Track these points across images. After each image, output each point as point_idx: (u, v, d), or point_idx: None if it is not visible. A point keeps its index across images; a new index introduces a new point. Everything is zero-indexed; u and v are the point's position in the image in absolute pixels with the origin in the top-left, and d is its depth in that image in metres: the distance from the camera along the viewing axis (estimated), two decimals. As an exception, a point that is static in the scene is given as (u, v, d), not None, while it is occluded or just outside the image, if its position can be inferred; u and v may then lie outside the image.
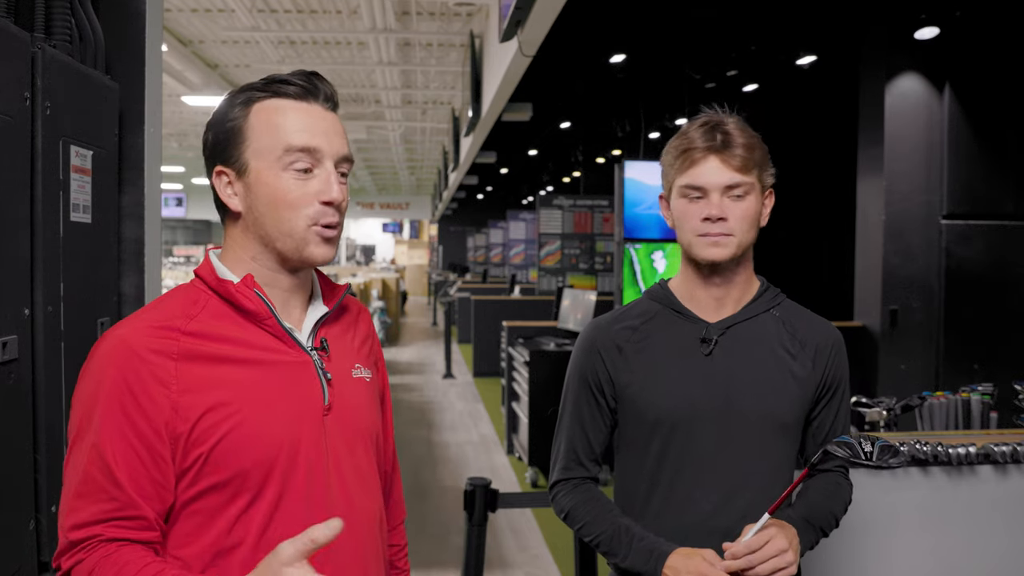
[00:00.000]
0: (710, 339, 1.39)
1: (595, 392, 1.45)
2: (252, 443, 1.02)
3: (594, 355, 1.45)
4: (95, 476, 0.98)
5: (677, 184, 1.38)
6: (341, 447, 1.10)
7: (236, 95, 1.10)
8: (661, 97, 8.25)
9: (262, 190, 1.06)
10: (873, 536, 2.22)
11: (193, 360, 1.01)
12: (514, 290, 10.83)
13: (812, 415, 1.45)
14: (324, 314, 1.14)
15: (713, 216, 1.33)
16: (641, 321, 1.44)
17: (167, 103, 10.36)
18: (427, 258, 28.36)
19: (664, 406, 1.38)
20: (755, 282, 1.47)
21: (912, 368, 5.07)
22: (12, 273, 1.29)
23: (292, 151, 1.05)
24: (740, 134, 1.36)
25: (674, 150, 1.39)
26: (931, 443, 2.21)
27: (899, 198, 5.09)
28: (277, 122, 1.06)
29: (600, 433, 1.46)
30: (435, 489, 5.17)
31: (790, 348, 1.41)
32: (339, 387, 1.11)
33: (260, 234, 1.08)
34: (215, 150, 1.09)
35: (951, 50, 5.04)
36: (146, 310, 1.07)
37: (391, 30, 7.46)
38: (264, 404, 1.04)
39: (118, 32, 1.69)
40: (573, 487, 1.47)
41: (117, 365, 0.99)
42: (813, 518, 1.39)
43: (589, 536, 1.43)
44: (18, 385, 1.30)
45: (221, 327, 1.04)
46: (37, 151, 1.35)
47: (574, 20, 4.37)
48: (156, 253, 1.79)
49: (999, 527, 2.25)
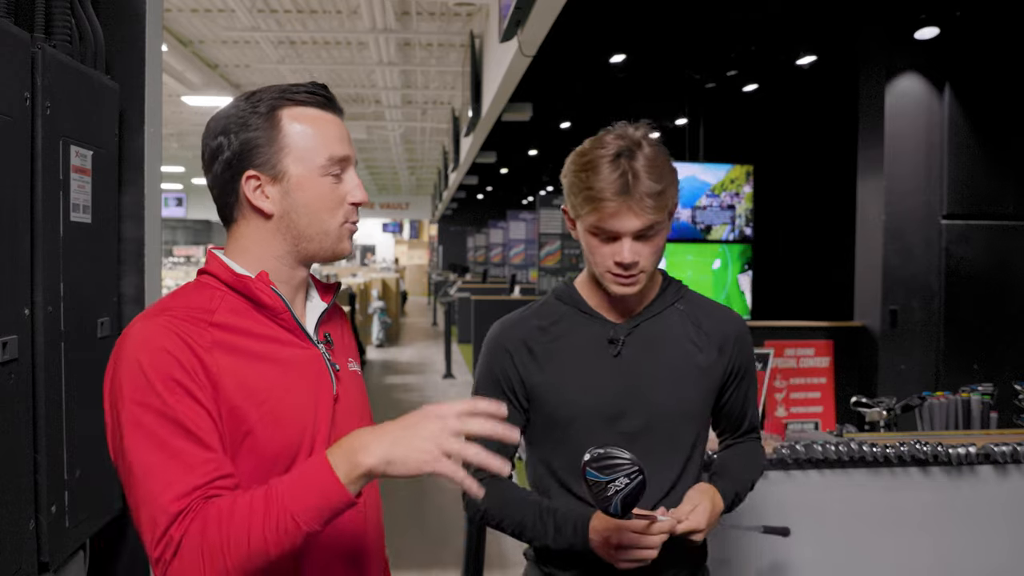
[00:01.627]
0: (617, 339, 1.42)
1: (506, 392, 1.45)
2: (280, 430, 1.06)
3: (503, 355, 1.45)
4: (179, 446, 0.97)
5: (587, 222, 1.36)
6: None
7: (253, 103, 1.11)
8: (661, 97, 8.25)
9: (302, 195, 1.12)
10: (873, 536, 2.22)
11: (223, 350, 1.04)
12: (514, 290, 10.84)
13: (722, 401, 1.50)
14: (325, 309, 1.20)
15: (625, 262, 1.34)
16: (550, 322, 1.46)
17: (167, 103, 10.35)
18: (427, 258, 28.35)
19: (576, 405, 1.41)
20: (657, 277, 1.49)
21: (912, 368, 5.06)
22: (12, 273, 1.29)
23: (335, 160, 1.13)
24: (650, 175, 1.31)
25: (581, 185, 1.34)
26: (931, 443, 2.21)
27: (899, 198, 5.09)
28: (317, 131, 1.12)
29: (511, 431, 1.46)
30: (435, 489, 5.16)
31: (696, 340, 1.45)
32: (343, 379, 1.17)
33: (294, 234, 1.13)
34: (242, 156, 1.10)
35: (951, 50, 5.04)
36: (165, 306, 1.07)
37: (391, 30, 7.46)
38: (287, 393, 1.08)
39: (118, 32, 1.69)
40: (484, 486, 1.46)
41: (158, 343, 1.00)
42: (740, 488, 1.49)
43: (511, 527, 1.43)
44: (18, 385, 1.30)
45: (241, 321, 1.08)
46: (37, 151, 1.35)
47: (574, 20, 4.36)
48: (156, 253, 1.80)
49: (999, 527, 2.25)
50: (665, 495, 1.40)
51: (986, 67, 5.09)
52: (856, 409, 2.64)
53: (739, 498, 1.49)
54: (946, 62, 5.07)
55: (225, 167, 1.11)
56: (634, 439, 1.38)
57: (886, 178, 5.08)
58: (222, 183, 1.12)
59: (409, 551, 4.02)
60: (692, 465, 1.44)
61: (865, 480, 2.21)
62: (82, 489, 1.52)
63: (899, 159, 5.09)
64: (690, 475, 1.44)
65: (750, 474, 1.54)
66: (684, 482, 1.43)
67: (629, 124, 1.39)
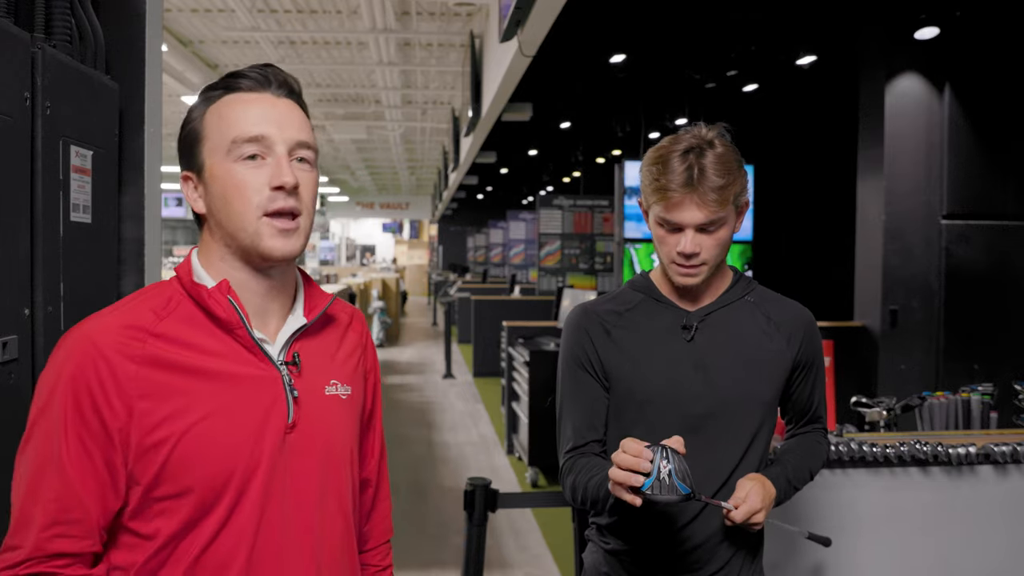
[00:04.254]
0: (691, 326, 1.48)
1: (588, 370, 1.51)
2: (206, 457, 0.99)
3: (582, 336, 1.52)
4: (44, 470, 0.97)
5: (655, 213, 1.44)
6: (305, 467, 1.07)
7: (200, 98, 1.09)
8: (661, 97, 8.25)
9: (214, 185, 1.04)
10: (874, 536, 2.23)
11: (156, 365, 0.99)
12: (514, 290, 10.83)
13: (790, 390, 1.55)
14: (301, 327, 1.10)
15: (687, 252, 1.41)
16: (625, 308, 1.53)
17: (167, 103, 10.36)
18: (427, 258, 28.35)
19: (650, 385, 1.46)
20: (728, 272, 1.55)
21: (912, 368, 5.07)
22: (12, 273, 1.29)
23: (239, 142, 1.03)
24: (716, 171, 1.38)
25: (652, 177, 1.42)
26: (931, 443, 2.21)
27: (899, 198, 5.09)
28: (226, 115, 1.05)
29: (599, 403, 1.51)
30: (435, 489, 5.16)
31: (766, 331, 1.50)
32: (307, 405, 1.07)
33: (221, 233, 1.06)
34: (180, 156, 1.08)
35: (951, 50, 5.04)
36: (118, 306, 1.04)
37: (391, 30, 7.46)
38: (224, 418, 1.00)
39: (118, 32, 1.69)
40: (573, 462, 1.51)
41: (77, 361, 0.97)
42: (793, 478, 1.52)
43: (581, 500, 1.46)
44: (18, 385, 1.30)
45: (189, 333, 1.02)
46: (37, 151, 1.35)
47: (574, 20, 4.37)
48: (156, 253, 1.79)
49: (999, 527, 2.25)
50: (725, 481, 1.45)
51: (986, 67, 5.09)
52: (856, 409, 2.63)
53: (792, 486, 1.52)
54: (946, 62, 5.07)
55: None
56: (700, 422, 1.44)
57: (886, 178, 5.08)
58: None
59: (409, 551, 4.02)
60: (753, 453, 1.47)
61: (865, 480, 2.21)
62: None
63: (899, 159, 5.09)
64: (750, 463, 1.47)
65: (808, 463, 1.57)
66: (743, 469, 1.46)
67: (705, 125, 1.45)
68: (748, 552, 1.51)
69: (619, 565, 1.51)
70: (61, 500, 0.96)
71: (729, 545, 1.47)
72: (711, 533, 1.45)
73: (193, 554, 1.00)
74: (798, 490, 1.55)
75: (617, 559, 1.51)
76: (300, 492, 1.06)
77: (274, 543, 1.04)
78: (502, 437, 6.46)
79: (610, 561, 1.52)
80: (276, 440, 1.04)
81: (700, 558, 1.45)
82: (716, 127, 1.45)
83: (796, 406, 1.59)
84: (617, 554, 1.51)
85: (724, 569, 1.47)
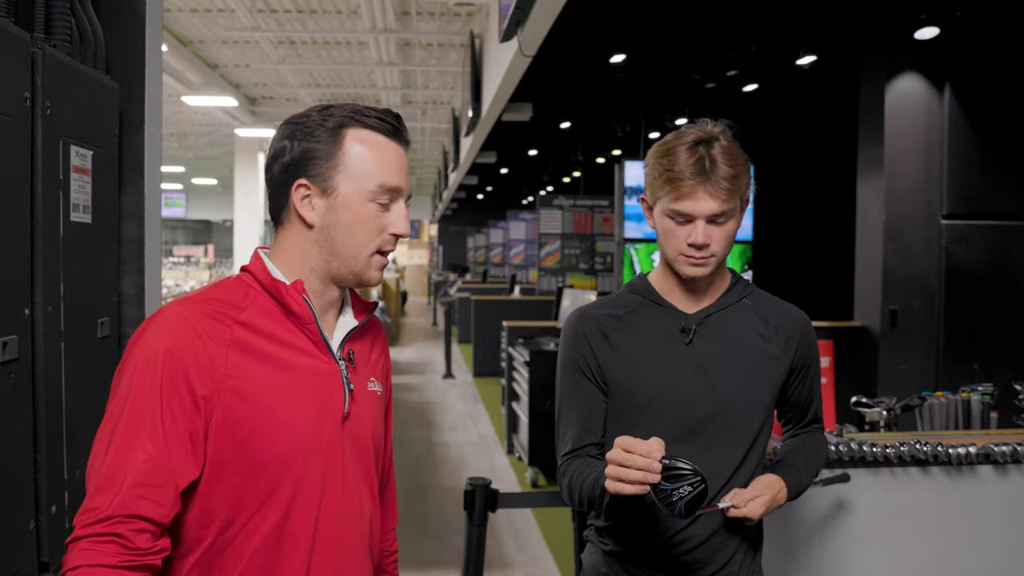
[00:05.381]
0: (689, 328, 1.48)
1: (586, 375, 1.51)
2: (278, 437, 1.09)
3: (580, 340, 1.52)
4: (135, 435, 1.02)
5: (664, 205, 1.44)
6: (352, 455, 1.17)
7: (324, 116, 1.15)
8: (661, 97, 8.25)
9: (345, 213, 1.14)
10: (873, 535, 2.22)
11: (240, 349, 1.08)
12: (514, 290, 10.83)
13: (788, 393, 1.56)
14: (354, 327, 1.21)
15: (698, 243, 1.41)
16: (624, 311, 1.53)
17: (167, 103, 10.36)
18: (427, 258, 28.35)
19: (649, 388, 1.46)
20: (727, 274, 1.55)
21: (912, 368, 5.06)
22: (12, 273, 1.29)
23: (385, 189, 1.15)
24: (726, 161, 1.40)
25: (661, 168, 1.43)
26: (931, 443, 2.21)
27: (899, 198, 5.09)
28: (374, 157, 1.15)
29: (597, 407, 1.51)
30: (435, 489, 5.16)
31: (763, 334, 1.51)
32: (358, 398, 1.19)
33: (328, 249, 1.16)
34: (299, 164, 1.14)
35: (951, 50, 5.04)
36: (198, 296, 1.13)
37: (391, 30, 7.45)
38: (294, 403, 1.10)
39: (118, 32, 1.69)
40: (569, 464, 1.51)
41: (173, 337, 1.05)
42: (805, 478, 1.55)
43: (577, 501, 1.47)
44: (18, 385, 1.30)
45: (267, 323, 1.12)
46: (37, 151, 1.35)
47: (574, 20, 4.37)
48: (156, 253, 1.80)
49: (999, 527, 2.25)
50: (725, 484, 1.45)
51: (986, 67, 5.09)
52: (856, 409, 2.63)
53: (803, 487, 1.54)
54: (946, 62, 5.07)
55: (282, 170, 1.15)
56: (699, 425, 1.44)
57: (886, 178, 5.08)
58: (277, 185, 1.16)
59: (409, 551, 4.02)
60: (753, 456, 1.48)
61: (865, 480, 2.21)
62: (82, 489, 1.52)
63: (899, 159, 5.09)
64: (750, 466, 1.48)
65: (814, 463, 1.60)
66: (743, 472, 1.47)
67: (709, 121, 1.46)
68: (747, 552, 1.51)
69: (618, 566, 1.51)
70: (149, 463, 1.02)
71: (728, 546, 1.47)
72: (710, 534, 1.45)
73: (265, 530, 1.09)
74: (804, 491, 1.57)
75: (616, 560, 1.52)
76: (349, 477, 1.17)
77: (333, 524, 1.14)
78: (502, 437, 6.46)
79: (609, 562, 1.53)
80: (334, 428, 1.14)
81: (699, 559, 1.45)
82: (720, 123, 1.46)
83: (795, 408, 1.60)
84: (616, 555, 1.51)
85: (724, 570, 1.47)
